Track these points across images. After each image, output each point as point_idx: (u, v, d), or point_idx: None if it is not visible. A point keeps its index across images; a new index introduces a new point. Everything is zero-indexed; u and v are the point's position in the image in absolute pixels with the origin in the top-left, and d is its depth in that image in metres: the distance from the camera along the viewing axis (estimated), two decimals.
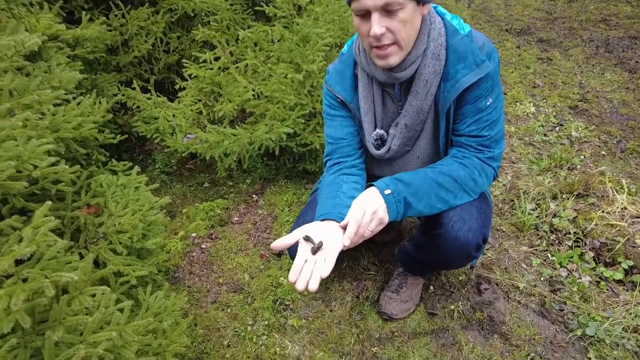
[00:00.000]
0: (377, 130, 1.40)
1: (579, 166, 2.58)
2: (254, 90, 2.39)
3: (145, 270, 1.45)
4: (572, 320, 1.73)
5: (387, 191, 1.21)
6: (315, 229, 1.20)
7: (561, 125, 3.03)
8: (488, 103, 1.27)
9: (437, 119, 1.33)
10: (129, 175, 1.68)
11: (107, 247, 1.44)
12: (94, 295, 1.13)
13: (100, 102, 1.78)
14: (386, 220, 1.20)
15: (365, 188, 1.27)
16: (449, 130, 1.34)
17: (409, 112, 1.32)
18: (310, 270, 1.09)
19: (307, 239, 1.16)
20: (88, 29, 1.96)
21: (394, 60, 1.20)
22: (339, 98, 1.42)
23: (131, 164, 1.80)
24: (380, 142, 1.42)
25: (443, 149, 1.38)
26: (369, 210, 1.17)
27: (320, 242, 1.14)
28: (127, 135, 2.07)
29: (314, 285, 1.06)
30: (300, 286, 1.06)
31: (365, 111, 1.38)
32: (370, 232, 1.18)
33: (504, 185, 2.49)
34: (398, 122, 1.36)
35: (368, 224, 1.17)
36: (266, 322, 1.78)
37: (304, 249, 1.14)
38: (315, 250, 1.13)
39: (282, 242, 1.14)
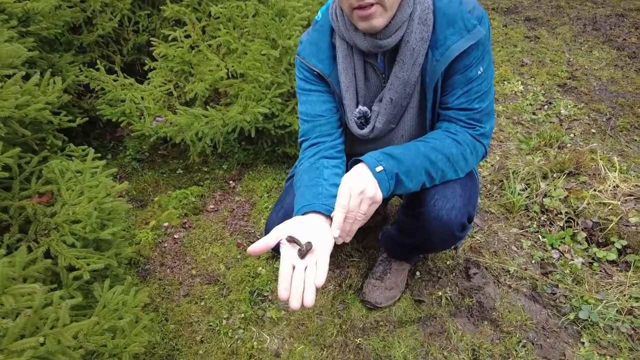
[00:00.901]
0: (360, 107, 1.31)
1: (569, 144, 2.55)
2: (227, 69, 2.29)
3: (102, 263, 1.36)
4: (564, 303, 1.69)
5: (379, 168, 1.10)
6: (299, 227, 1.04)
7: (550, 103, 3.00)
8: (479, 72, 1.19)
9: (424, 92, 1.24)
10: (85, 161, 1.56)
11: (60, 239, 1.32)
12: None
13: (55, 82, 1.63)
14: (380, 197, 1.09)
15: (350, 165, 1.17)
16: (436, 103, 1.25)
17: (395, 85, 1.22)
18: (301, 280, 0.92)
19: (292, 240, 0.98)
20: (39, 2, 1.81)
21: (378, 22, 1.10)
22: (315, 71, 1.31)
23: (88, 147, 1.66)
24: (364, 120, 1.32)
25: (429, 124, 1.31)
26: (355, 190, 1.05)
27: (309, 243, 0.97)
28: (87, 119, 1.92)
29: (310, 300, 0.89)
30: (295, 304, 0.88)
31: (346, 86, 1.28)
32: (363, 216, 1.07)
33: (492, 165, 2.45)
34: (382, 96, 1.26)
35: (357, 206, 1.05)
36: (243, 315, 1.72)
37: (289, 253, 0.97)
38: (303, 253, 0.95)
39: (260, 245, 0.96)
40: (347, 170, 1.16)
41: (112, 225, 1.49)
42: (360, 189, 1.05)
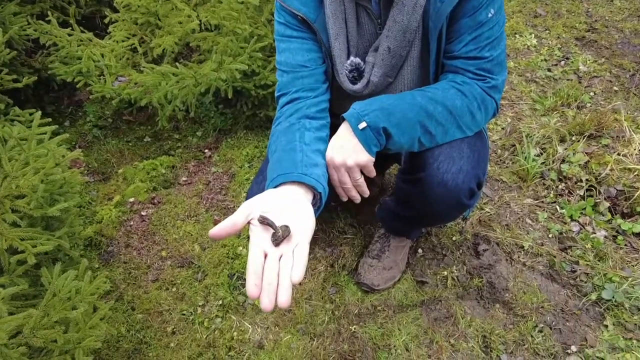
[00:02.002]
0: (352, 58, 1.25)
1: (589, 104, 2.50)
2: (199, 20, 2.22)
3: (51, 244, 1.30)
4: (585, 282, 1.68)
5: (362, 125, 1.08)
6: (273, 203, 0.92)
7: (567, 58, 2.94)
8: (489, 15, 1.14)
9: (426, 39, 1.19)
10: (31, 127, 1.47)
11: (0, 217, 1.23)
12: None
13: None
14: (366, 158, 1.12)
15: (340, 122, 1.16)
16: (440, 53, 1.21)
17: (393, 31, 1.17)
18: (275, 273, 0.81)
19: (264, 221, 0.85)
20: None
21: None
22: (298, 15, 1.23)
23: (36, 111, 1.57)
24: (357, 73, 1.27)
25: (432, 78, 1.26)
26: (335, 162, 1.09)
27: (286, 227, 0.84)
28: (36, 78, 1.81)
29: (284, 299, 0.77)
30: (267, 304, 0.77)
31: (335, 33, 1.22)
32: (358, 182, 1.13)
33: (503, 128, 2.40)
34: (378, 45, 1.21)
35: (346, 176, 1.11)
36: (220, 302, 1.70)
37: (260, 237, 0.86)
38: (279, 240, 0.83)
39: (226, 226, 0.85)
40: (332, 134, 1.16)
41: (63, 201, 1.41)
42: (339, 161, 1.09)
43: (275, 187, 1.01)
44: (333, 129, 1.27)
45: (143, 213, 2.05)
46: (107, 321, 1.35)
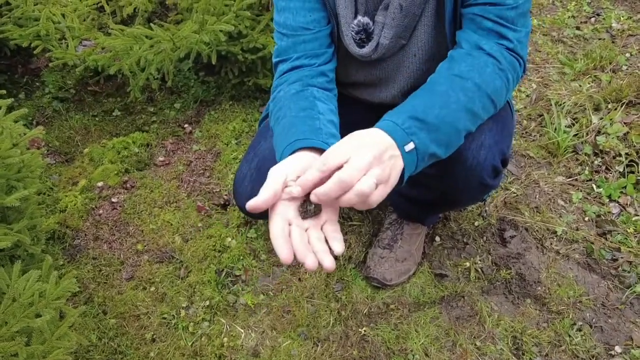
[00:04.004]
0: (360, 17, 1.26)
1: (625, 67, 2.48)
2: None
3: (9, 240, 1.28)
4: (628, 272, 1.68)
5: (409, 146, 0.96)
6: (302, 171, 0.93)
7: (598, 15, 2.92)
8: None
9: None
10: None
11: None
12: None
13: None
14: (394, 184, 0.96)
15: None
16: (457, 10, 1.20)
17: None
18: (306, 239, 0.87)
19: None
20: None
21: None
22: None
23: None
24: (365, 35, 1.28)
25: (450, 40, 1.24)
26: (374, 175, 0.87)
27: (317, 205, 0.89)
28: None
29: (329, 262, 0.83)
30: (312, 262, 0.83)
31: None
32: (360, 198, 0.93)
33: (527, 95, 2.40)
34: (389, 2, 1.22)
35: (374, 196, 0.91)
36: (207, 303, 1.70)
37: (283, 207, 0.90)
38: (308, 214, 0.90)
39: (267, 200, 0.87)
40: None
41: (22, 188, 1.40)
42: (380, 177, 0.86)
43: (292, 153, 1.02)
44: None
45: (114, 200, 2.05)
46: (75, 328, 1.32)
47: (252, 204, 0.87)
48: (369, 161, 0.85)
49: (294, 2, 1.27)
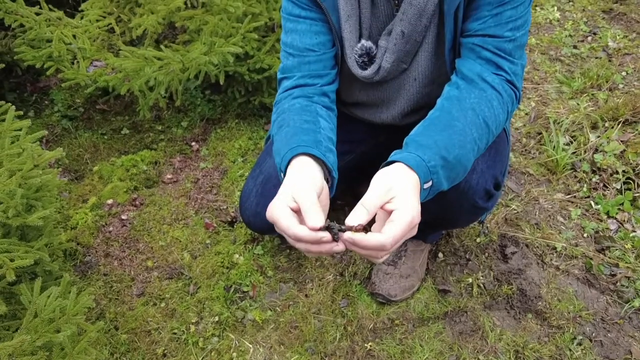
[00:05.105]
0: (363, 41, 1.29)
1: (621, 85, 2.52)
2: None
3: (31, 257, 1.28)
4: (627, 287, 1.69)
5: (428, 184, 1.03)
6: (313, 187, 1.02)
7: (594, 34, 2.96)
8: None
9: (443, 23, 1.22)
10: (3, 121, 1.47)
11: None
12: None
13: None
14: None
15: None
16: (457, 37, 1.23)
17: (408, 14, 1.20)
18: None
19: (328, 227, 0.94)
20: None
21: None
22: None
23: (5, 103, 1.56)
24: (367, 58, 1.31)
25: (449, 66, 1.28)
26: (414, 219, 0.94)
27: (347, 226, 0.92)
28: (2, 65, 1.79)
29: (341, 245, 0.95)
30: (340, 245, 0.93)
31: (347, 14, 1.25)
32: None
33: (527, 114, 2.42)
34: (392, 29, 1.25)
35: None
36: (216, 319, 1.70)
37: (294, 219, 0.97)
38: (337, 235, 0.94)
39: (322, 217, 0.93)
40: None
41: (41, 207, 1.41)
42: (414, 220, 0.94)
43: (293, 156, 1.09)
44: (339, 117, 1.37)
45: (123, 217, 2.05)
46: (92, 345, 1.34)
47: (314, 222, 0.91)
48: (404, 235, 0.92)
49: (302, 24, 1.30)
